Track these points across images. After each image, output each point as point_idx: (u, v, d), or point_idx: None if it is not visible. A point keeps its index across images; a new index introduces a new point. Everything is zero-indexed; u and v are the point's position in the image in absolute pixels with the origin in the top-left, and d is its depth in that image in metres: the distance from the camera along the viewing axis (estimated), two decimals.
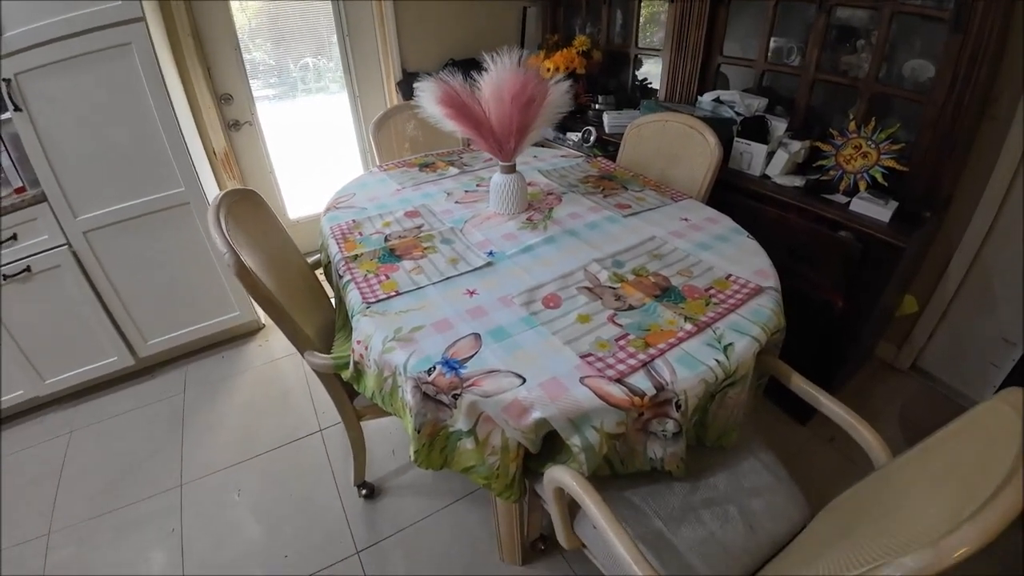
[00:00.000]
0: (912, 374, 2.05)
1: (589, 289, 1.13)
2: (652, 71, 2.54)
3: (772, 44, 1.93)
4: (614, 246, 1.30)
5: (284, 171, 2.77)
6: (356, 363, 1.04)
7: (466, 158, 1.98)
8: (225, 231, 1.08)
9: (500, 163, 1.42)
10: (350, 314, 1.11)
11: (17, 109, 1.66)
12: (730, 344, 1.01)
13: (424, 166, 1.91)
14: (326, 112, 2.80)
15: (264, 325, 2.47)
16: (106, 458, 1.86)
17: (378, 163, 2.06)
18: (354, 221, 1.47)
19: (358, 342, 1.02)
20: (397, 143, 2.21)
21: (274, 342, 2.37)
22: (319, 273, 1.57)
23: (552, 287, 1.13)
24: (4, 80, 1.62)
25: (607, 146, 2.33)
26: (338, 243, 1.35)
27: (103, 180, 1.86)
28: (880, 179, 1.60)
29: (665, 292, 1.13)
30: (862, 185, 1.64)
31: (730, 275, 1.20)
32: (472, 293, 1.12)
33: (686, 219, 1.46)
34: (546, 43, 2.66)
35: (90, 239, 1.92)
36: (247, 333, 2.43)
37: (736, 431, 1.13)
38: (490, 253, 1.27)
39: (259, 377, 2.20)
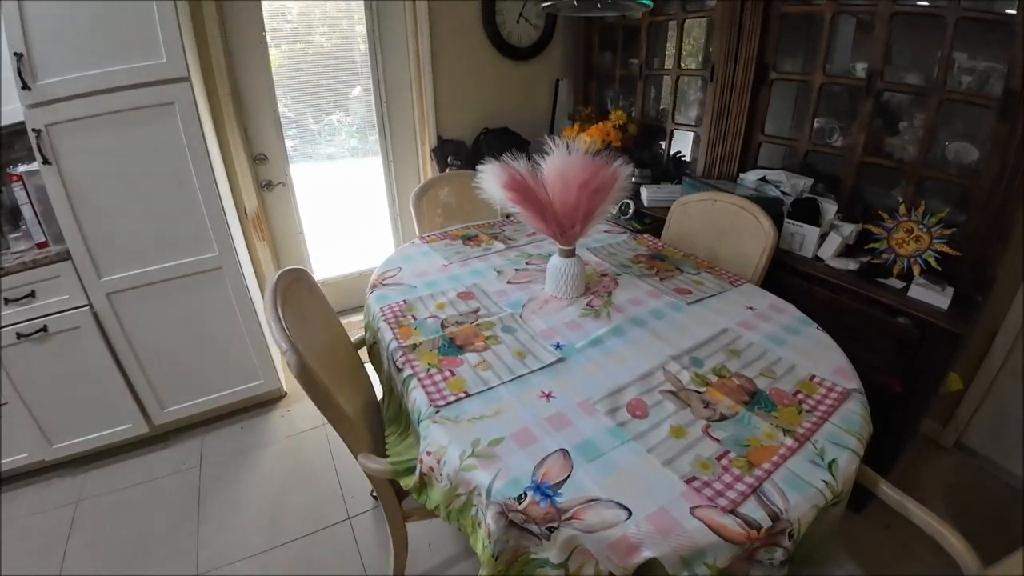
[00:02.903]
0: (956, 451, 2.05)
1: (674, 393, 1.05)
2: (685, 142, 2.56)
3: (815, 124, 1.93)
4: (687, 340, 1.23)
5: (313, 232, 2.74)
6: (423, 474, 0.95)
7: (508, 231, 1.94)
8: (284, 325, 1.01)
9: (560, 246, 1.37)
10: (415, 417, 1.02)
11: (46, 162, 1.61)
12: (833, 460, 0.93)
13: (467, 239, 1.88)
14: (358, 175, 2.81)
15: (287, 393, 2.37)
16: (115, 536, 1.73)
17: (418, 233, 2.02)
18: (405, 302, 1.41)
19: (428, 453, 0.93)
20: (429, 209, 2.19)
21: (297, 412, 2.26)
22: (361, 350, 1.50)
23: (634, 390, 1.05)
24: (34, 131, 1.57)
25: (644, 218, 2.31)
26: (392, 328, 1.28)
27: (132, 241, 1.81)
28: (934, 263, 1.57)
29: (753, 397, 1.06)
30: (916, 269, 1.62)
31: (813, 376, 1.14)
32: (548, 396, 1.04)
33: (751, 307, 1.40)
34: (579, 115, 2.70)
35: (113, 301, 1.85)
36: (269, 401, 2.33)
37: (829, 544, 1.05)
38: (557, 346, 1.20)
39: (282, 452, 2.08)
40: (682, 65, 2.35)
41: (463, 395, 1.03)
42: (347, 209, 2.87)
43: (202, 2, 2.06)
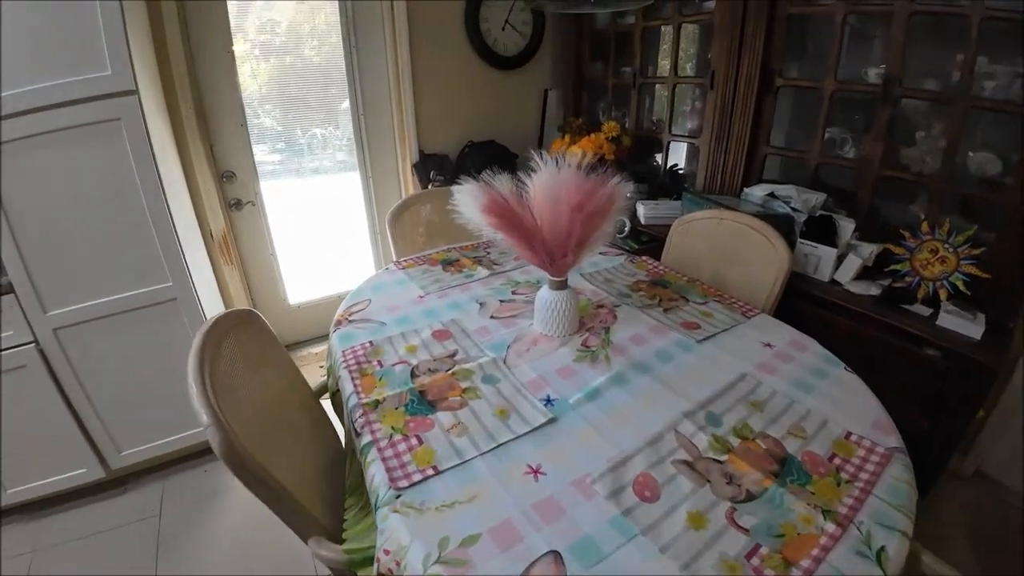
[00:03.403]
0: (976, 481, 1.94)
1: (689, 465, 0.87)
2: (681, 155, 2.41)
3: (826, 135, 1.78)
4: (700, 390, 1.05)
5: (287, 252, 2.55)
6: (381, 574, 0.76)
7: (493, 254, 1.76)
8: (210, 390, 0.82)
9: (550, 277, 1.20)
10: (372, 502, 0.83)
11: None
12: (882, 548, 0.75)
13: (447, 263, 1.70)
14: (335, 191, 2.62)
15: None
16: None
17: (394, 257, 1.84)
18: (371, 344, 1.21)
19: (386, 552, 0.74)
20: (411, 227, 2.01)
21: None
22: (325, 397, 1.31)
23: (641, 462, 0.86)
24: None
25: (640, 236, 2.15)
26: (353, 379, 1.09)
27: (80, 272, 1.63)
28: (962, 287, 1.43)
29: (783, 465, 0.88)
30: (943, 294, 1.47)
31: (850, 434, 0.97)
32: (536, 472, 0.85)
33: (769, 344, 1.23)
34: (569, 127, 2.54)
35: (61, 337, 1.67)
36: None
37: None
38: (548, 401, 1.01)
39: (247, 497, 1.82)
40: (679, 72, 2.19)
41: (431, 471, 0.84)
42: (325, 228, 2.68)
43: (162, 7, 1.89)
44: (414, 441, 0.90)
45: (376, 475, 0.84)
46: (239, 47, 2.18)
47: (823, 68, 1.69)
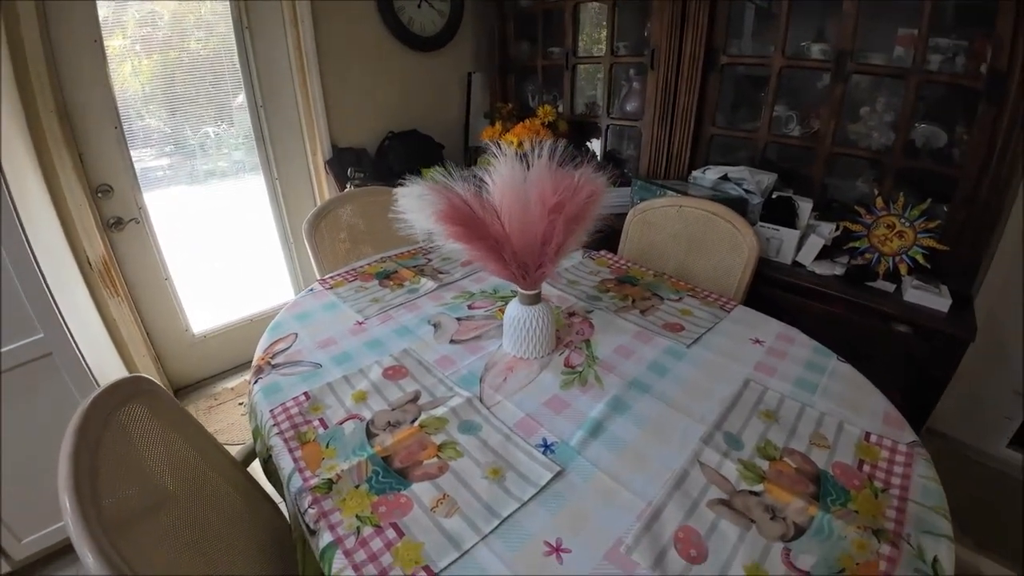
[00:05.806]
0: (928, 437, 1.97)
1: (727, 504, 0.73)
2: (620, 139, 2.31)
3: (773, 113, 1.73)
4: (708, 406, 0.92)
5: (185, 274, 2.16)
6: None
7: (436, 261, 1.55)
8: (99, 531, 0.57)
9: (522, 291, 1.02)
10: None
11: None
12: (936, 559, 0.70)
13: (384, 277, 1.46)
14: (236, 198, 2.26)
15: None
16: None
17: (317, 274, 1.58)
18: (307, 396, 0.97)
19: None
20: (331, 235, 1.74)
21: None
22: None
23: (675, 511, 0.71)
24: None
25: None
26: (291, 449, 0.84)
27: None
28: (922, 260, 1.44)
29: (819, 484, 0.78)
30: (903, 268, 1.48)
31: (868, 435, 0.89)
32: (558, 550, 0.67)
33: (758, 340, 1.14)
34: (499, 113, 2.35)
35: None
36: None
37: None
38: (546, 447, 0.84)
39: None
40: (616, 51, 2.07)
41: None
42: (228, 241, 2.30)
43: (18, 6, 1.50)
44: (391, 534, 0.69)
45: None
46: (117, 42, 1.82)
47: (768, 44, 1.63)
